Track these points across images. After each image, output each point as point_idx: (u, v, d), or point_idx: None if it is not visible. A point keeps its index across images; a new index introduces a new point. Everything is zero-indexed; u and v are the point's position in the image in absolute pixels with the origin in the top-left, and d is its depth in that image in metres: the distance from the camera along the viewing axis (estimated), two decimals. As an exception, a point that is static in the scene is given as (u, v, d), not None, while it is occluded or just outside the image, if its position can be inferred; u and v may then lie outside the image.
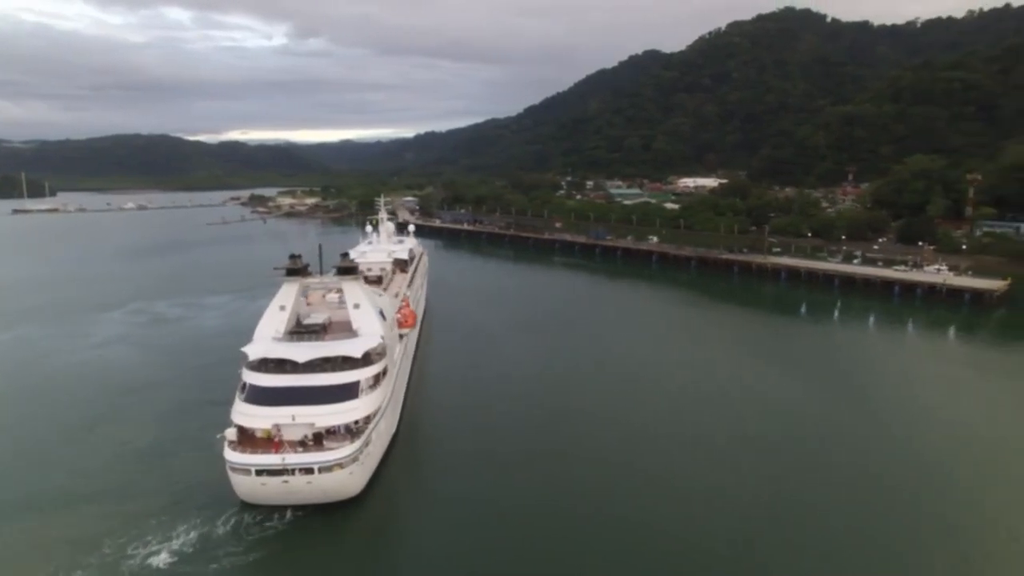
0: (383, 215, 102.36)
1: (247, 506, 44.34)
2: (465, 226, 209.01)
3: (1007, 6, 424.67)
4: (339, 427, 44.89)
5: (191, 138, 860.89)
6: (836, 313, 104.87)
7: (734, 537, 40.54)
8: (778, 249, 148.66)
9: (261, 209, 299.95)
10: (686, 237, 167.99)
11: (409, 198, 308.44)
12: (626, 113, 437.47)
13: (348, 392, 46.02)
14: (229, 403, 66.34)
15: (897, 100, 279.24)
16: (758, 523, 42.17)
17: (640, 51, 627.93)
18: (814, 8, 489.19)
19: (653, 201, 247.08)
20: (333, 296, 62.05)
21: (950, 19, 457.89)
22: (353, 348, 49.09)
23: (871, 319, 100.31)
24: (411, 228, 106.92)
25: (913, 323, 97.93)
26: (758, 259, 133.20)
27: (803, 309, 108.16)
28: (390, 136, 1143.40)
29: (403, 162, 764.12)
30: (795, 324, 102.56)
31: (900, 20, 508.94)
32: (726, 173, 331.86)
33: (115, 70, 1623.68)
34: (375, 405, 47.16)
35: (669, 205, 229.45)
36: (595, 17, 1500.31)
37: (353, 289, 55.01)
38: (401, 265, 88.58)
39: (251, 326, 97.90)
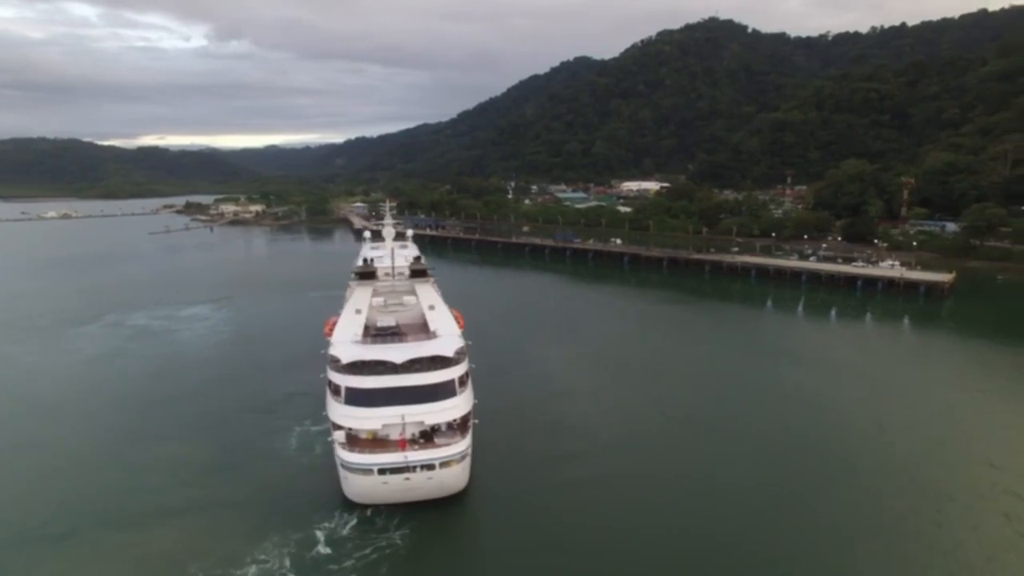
0: (388, 220, 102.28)
1: (353, 509, 44.88)
2: (428, 231, 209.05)
3: (903, 25, 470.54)
4: (441, 425, 46.43)
5: (103, 143, 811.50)
6: (811, 308, 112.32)
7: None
8: (736, 249, 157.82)
9: (203, 217, 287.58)
10: (647, 238, 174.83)
11: (359, 204, 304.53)
12: (565, 118, 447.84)
13: (448, 390, 47.62)
14: (267, 411, 66.69)
15: (821, 108, 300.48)
16: (769, 520, 44.25)
17: (571, 57, 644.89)
18: (736, 19, 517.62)
19: (604, 204, 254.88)
20: (378, 299, 62.80)
21: (856, 33, 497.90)
22: (445, 347, 50.65)
23: (843, 312, 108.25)
24: (409, 233, 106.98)
25: (881, 314, 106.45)
26: (727, 258, 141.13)
27: (779, 304, 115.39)
28: (318, 141, 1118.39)
29: (334, 168, 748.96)
30: (776, 318, 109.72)
31: (813, 33, 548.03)
32: (664, 176, 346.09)
33: (11, 67, 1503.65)
34: (471, 401, 49.05)
35: (622, 208, 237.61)
36: (520, 23, 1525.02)
37: (427, 291, 56.50)
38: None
39: (247, 334, 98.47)
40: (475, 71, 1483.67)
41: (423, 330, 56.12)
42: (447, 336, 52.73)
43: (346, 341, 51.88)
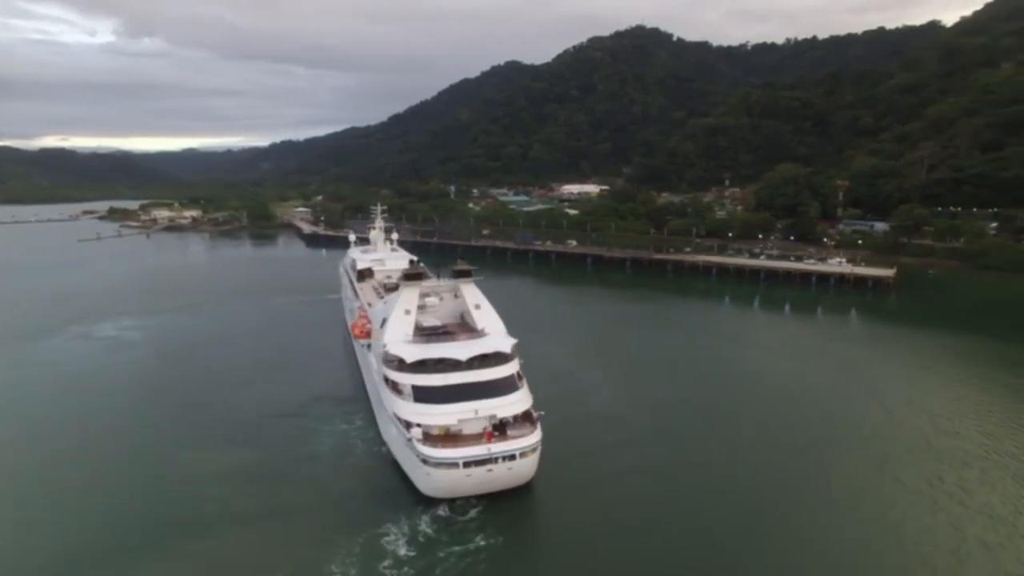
0: (379, 223, 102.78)
1: (420, 504, 45.83)
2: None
3: (815, 37, 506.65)
4: (509, 418, 48.08)
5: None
6: (774, 303, 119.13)
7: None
8: (688, 249, 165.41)
9: (134, 223, 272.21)
10: (606, 240, 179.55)
11: (301, 209, 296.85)
12: (502, 122, 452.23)
13: (511, 384, 49.56)
14: (290, 414, 66.05)
15: (749, 114, 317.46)
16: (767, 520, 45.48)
17: (502, 62, 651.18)
18: (662, 27, 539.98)
19: (553, 207, 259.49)
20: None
21: (773, 44, 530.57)
22: (501, 344, 52.56)
23: (804, 306, 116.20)
24: (395, 236, 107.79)
25: (840, 307, 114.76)
26: (689, 258, 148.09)
27: (744, 301, 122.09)
28: (241, 145, 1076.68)
29: (259, 172, 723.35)
30: (745, 314, 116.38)
31: (734, 42, 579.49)
32: (601, 180, 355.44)
33: None
34: (531, 394, 50.86)
35: (570, 211, 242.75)
36: (450, 27, 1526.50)
37: (472, 290, 58.06)
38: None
39: (229, 340, 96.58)
40: (403, 74, 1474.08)
41: (465, 328, 57.69)
42: (498, 333, 54.50)
43: (399, 341, 52.65)
